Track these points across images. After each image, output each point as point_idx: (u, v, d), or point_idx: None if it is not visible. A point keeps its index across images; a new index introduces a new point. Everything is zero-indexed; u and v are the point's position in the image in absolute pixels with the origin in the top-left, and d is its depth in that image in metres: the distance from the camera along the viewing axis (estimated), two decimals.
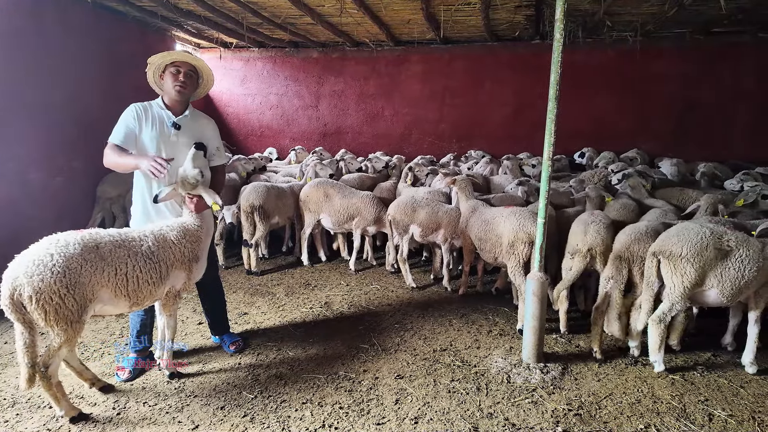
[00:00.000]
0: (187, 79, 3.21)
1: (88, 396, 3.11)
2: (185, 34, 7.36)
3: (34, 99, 4.95)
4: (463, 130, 8.18)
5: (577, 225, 3.84)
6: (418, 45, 7.80)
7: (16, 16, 4.71)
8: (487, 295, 4.89)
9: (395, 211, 5.02)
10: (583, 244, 3.67)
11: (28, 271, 2.50)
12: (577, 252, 3.70)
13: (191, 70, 3.25)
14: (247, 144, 8.62)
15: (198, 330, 4.08)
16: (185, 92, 3.23)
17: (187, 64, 3.22)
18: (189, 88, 3.25)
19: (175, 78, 3.19)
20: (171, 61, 3.20)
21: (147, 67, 3.23)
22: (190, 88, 3.27)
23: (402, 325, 4.16)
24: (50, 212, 5.18)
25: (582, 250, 3.66)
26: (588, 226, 3.73)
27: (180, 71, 3.19)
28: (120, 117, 3.17)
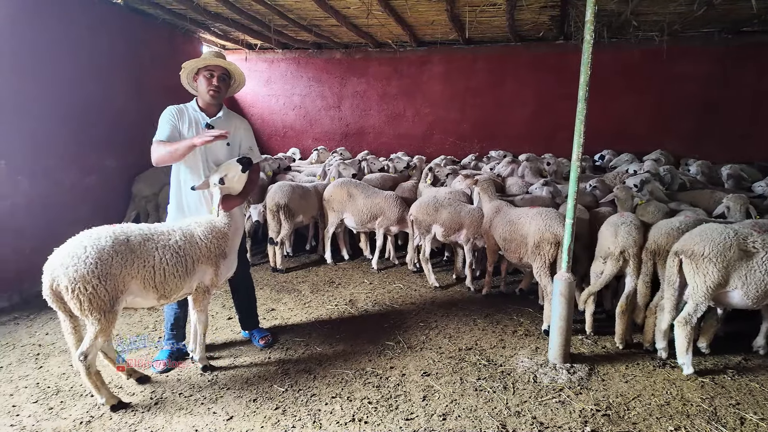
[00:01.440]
0: (221, 83, 3.31)
1: (126, 386, 3.23)
2: (212, 35, 7.51)
3: (67, 99, 5.13)
4: (484, 131, 8.18)
5: (607, 227, 3.81)
6: (440, 45, 7.84)
7: (50, 20, 4.89)
8: (510, 296, 4.90)
9: (418, 211, 5.07)
10: (614, 247, 3.65)
11: (64, 262, 2.64)
12: (610, 255, 3.68)
13: (224, 74, 3.34)
14: (271, 144, 8.76)
15: (228, 325, 4.18)
16: (219, 95, 3.34)
17: (220, 68, 3.31)
18: (222, 91, 3.36)
19: (209, 82, 3.29)
20: (204, 65, 3.30)
21: (181, 70, 3.34)
22: (224, 91, 3.37)
23: (426, 324, 4.20)
24: (83, 209, 5.36)
25: (614, 252, 3.64)
26: (619, 228, 3.71)
27: (213, 75, 3.29)
28: (161, 118, 3.30)
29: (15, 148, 4.50)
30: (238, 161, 3.21)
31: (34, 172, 4.71)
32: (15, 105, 4.48)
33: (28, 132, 4.64)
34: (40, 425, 2.80)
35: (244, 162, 3.22)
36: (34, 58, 4.67)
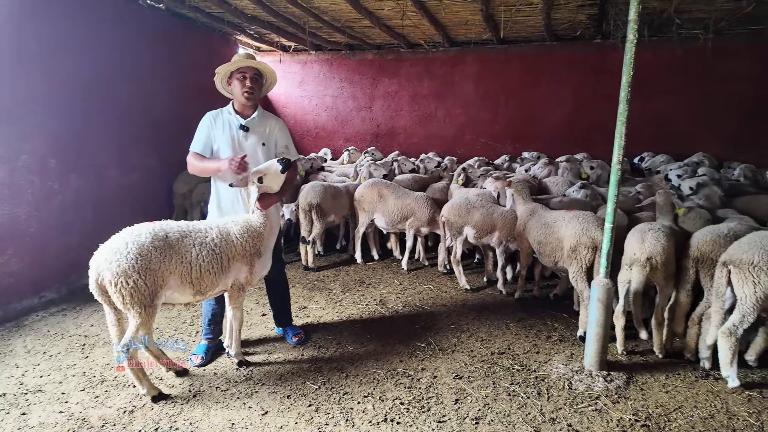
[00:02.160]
0: (254, 83, 3.38)
1: (166, 378, 3.34)
2: (248, 38, 7.69)
3: (113, 101, 5.35)
4: (517, 131, 8.07)
5: (634, 233, 3.65)
6: (473, 45, 7.77)
7: (99, 24, 5.12)
8: (544, 300, 4.82)
9: (449, 212, 5.04)
10: (641, 253, 3.48)
11: (108, 258, 2.77)
12: (635, 262, 3.53)
13: (256, 74, 3.40)
14: (303, 144, 8.89)
15: (262, 321, 4.27)
16: (253, 96, 3.41)
17: (252, 69, 3.37)
18: (256, 92, 3.43)
19: (242, 84, 3.37)
20: (236, 68, 3.38)
21: (215, 76, 3.44)
22: (258, 91, 3.44)
23: (458, 326, 4.18)
24: (126, 205, 5.58)
25: (640, 259, 3.48)
26: (646, 234, 3.55)
27: (246, 76, 3.36)
28: (198, 127, 3.42)
29: (65, 148, 4.72)
30: (278, 161, 3.26)
31: (82, 170, 4.93)
32: (65, 106, 4.70)
33: (77, 132, 4.86)
34: (86, 412, 2.93)
35: (284, 162, 3.25)
36: (82, 62, 4.89)
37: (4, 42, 4.09)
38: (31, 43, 4.31)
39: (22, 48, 4.24)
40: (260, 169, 3.24)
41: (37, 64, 4.37)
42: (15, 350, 3.66)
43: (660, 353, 3.63)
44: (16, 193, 4.23)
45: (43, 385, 3.20)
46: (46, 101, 4.48)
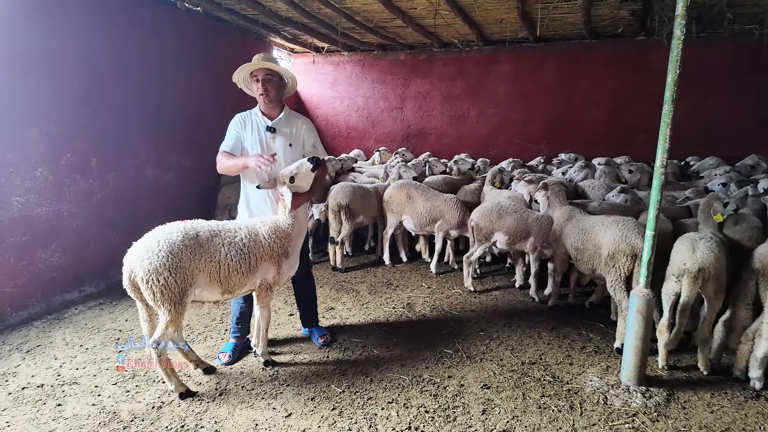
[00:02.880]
0: (267, 84, 3.37)
1: (194, 375, 3.39)
2: (282, 39, 7.77)
3: (152, 102, 5.51)
4: (553, 132, 7.82)
5: (683, 242, 3.39)
6: (508, 44, 7.58)
7: (140, 29, 5.28)
8: (579, 309, 4.62)
9: (479, 216, 4.90)
10: (692, 263, 3.22)
11: (140, 255, 2.82)
12: (685, 273, 3.26)
13: (268, 74, 3.38)
14: (334, 145, 8.92)
15: (289, 321, 4.28)
16: (270, 96, 3.40)
17: (263, 70, 3.36)
18: (273, 92, 3.40)
19: (257, 86, 3.40)
20: (249, 72, 3.39)
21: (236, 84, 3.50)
22: (274, 90, 3.41)
23: (487, 333, 4.05)
24: (161, 203, 5.74)
25: (691, 270, 3.22)
26: (697, 243, 3.29)
27: (258, 79, 3.37)
28: (228, 127, 3.47)
29: (105, 148, 4.89)
30: (308, 160, 3.26)
31: (121, 169, 5.10)
32: (105, 108, 4.87)
33: (117, 133, 5.03)
34: (117, 406, 3.00)
35: (314, 161, 3.26)
36: (123, 65, 5.06)
37: (49, 46, 4.27)
38: (73, 46, 4.48)
39: (64, 51, 4.42)
40: (291, 169, 3.24)
41: (79, 67, 4.55)
42: (55, 342, 3.81)
43: (705, 370, 3.40)
44: (59, 191, 4.41)
45: (78, 378, 3.31)
46: (87, 103, 4.65)
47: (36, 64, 4.14)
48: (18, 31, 4.00)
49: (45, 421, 2.84)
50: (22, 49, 4.02)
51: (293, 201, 3.25)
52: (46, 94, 4.24)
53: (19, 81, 4.01)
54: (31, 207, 4.17)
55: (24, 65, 4.04)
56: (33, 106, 4.14)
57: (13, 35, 3.96)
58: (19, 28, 4.00)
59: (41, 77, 4.19)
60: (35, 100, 4.16)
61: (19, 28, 4.00)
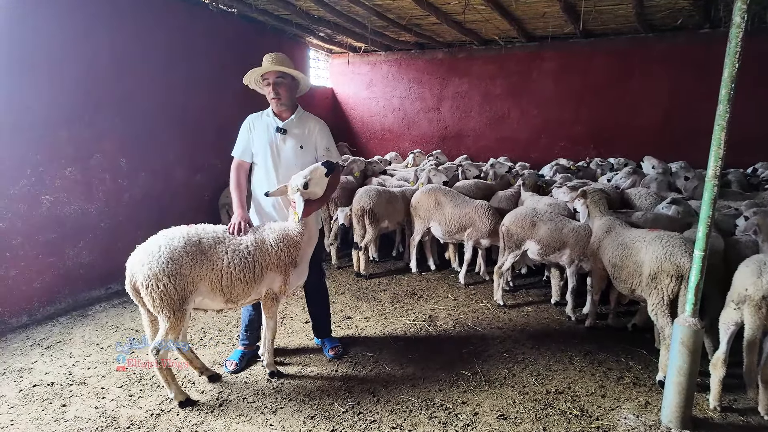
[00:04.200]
0: (278, 87, 3.22)
1: (198, 383, 3.31)
2: (318, 40, 7.71)
3: (183, 103, 5.58)
4: (602, 134, 7.24)
5: (748, 265, 2.90)
6: (552, 40, 7.10)
7: (170, 30, 5.35)
8: (620, 331, 4.16)
9: (511, 222, 4.54)
10: (755, 290, 2.75)
11: (141, 260, 2.76)
12: (747, 301, 2.80)
13: (279, 77, 3.24)
14: (369, 147, 8.77)
15: (304, 329, 4.14)
16: (281, 100, 3.26)
17: (272, 73, 3.21)
18: (284, 95, 3.26)
19: (267, 90, 3.27)
20: (260, 75, 3.26)
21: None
22: (286, 93, 3.26)
23: (511, 355, 3.71)
24: (190, 204, 5.80)
25: (754, 298, 2.76)
26: (765, 267, 2.82)
27: (269, 82, 3.23)
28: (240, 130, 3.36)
29: (135, 148, 4.98)
30: (323, 164, 3.10)
31: (150, 169, 5.18)
32: (135, 109, 4.96)
33: (147, 133, 5.12)
34: (118, 411, 2.96)
35: (328, 165, 3.10)
36: (153, 66, 5.14)
37: (80, 48, 4.37)
38: (104, 48, 4.58)
39: (95, 53, 4.51)
40: (304, 174, 3.08)
41: (109, 69, 4.64)
42: (73, 339, 3.88)
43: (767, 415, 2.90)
44: (88, 190, 4.52)
45: (87, 378, 3.32)
46: (118, 103, 4.75)
47: (66, 65, 4.25)
48: (49, 33, 4.11)
49: (47, 422, 2.84)
50: (54, 51, 4.14)
51: (305, 208, 3.09)
52: (76, 95, 4.35)
53: (50, 82, 4.13)
54: (61, 205, 4.28)
55: (54, 67, 4.15)
56: (63, 107, 4.26)
57: (44, 38, 4.08)
58: (51, 30, 4.12)
59: (71, 79, 4.30)
60: (65, 101, 4.27)
61: (50, 30, 4.11)
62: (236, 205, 3.24)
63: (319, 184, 3.14)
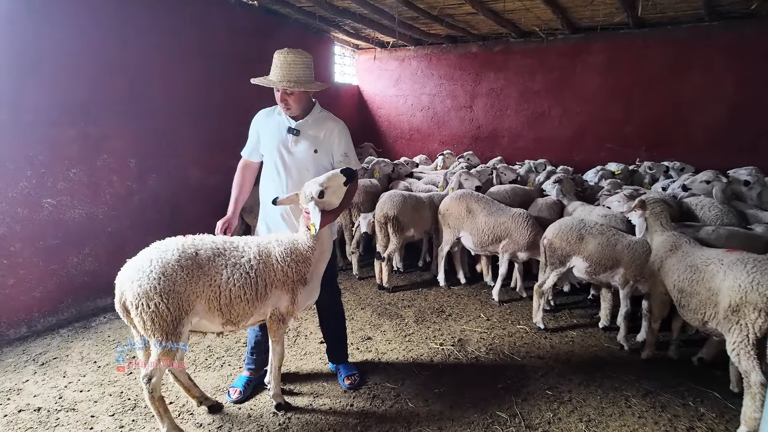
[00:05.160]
0: (288, 98, 2.81)
1: (197, 413, 2.94)
2: (343, 34, 7.31)
3: (200, 100, 5.26)
4: (655, 135, 6.53)
5: None
6: (601, 31, 6.43)
7: (185, 23, 5.03)
8: (685, 366, 3.54)
9: (555, 234, 3.99)
10: None
11: (131, 275, 2.41)
12: None
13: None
14: (396, 148, 8.31)
15: (318, 350, 3.73)
16: (291, 110, 2.87)
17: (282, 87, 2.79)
18: (295, 105, 2.84)
19: (277, 99, 2.87)
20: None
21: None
22: (297, 103, 2.84)
23: (556, 393, 3.17)
24: (206, 207, 5.46)
25: None
26: None
27: (278, 91, 2.82)
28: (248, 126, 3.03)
29: (146, 148, 4.69)
30: (341, 172, 2.70)
31: (162, 170, 4.89)
32: (148, 107, 4.67)
33: (160, 132, 4.83)
34: None
35: (348, 173, 2.71)
36: (167, 62, 4.84)
37: (86, 42, 4.10)
38: (113, 42, 4.30)
39: (104, 47, 4.24)
40: (320, 182, 2.66)
41: (119, 63, 4.36)
42: (71, 356, 3.59)
43: None
44: (94, 193, 4.25)
45: (78, 403, 3.01)
46: (128, 100, 4.47)
47: (73, 59, 3.97)
48: (56, 25, 3.85)
49: None
50: (58, 46, 3.87)
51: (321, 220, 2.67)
52: (82, 93, 4.07)
53: (55, 77, 3.86)
54: (64, 209, 4.02)
55: (59, 62, 3.88)
56: (68, 105, 3.99)
57: (48, 32, 3.81)
58: (57, 22, 3.85)
59: (78, 74, 4.03)
60: (71, 98, 4.00)
61: (57, 22, 3.85)
62: (231, 204, 3.04)
63: (337, 194, 2.74)
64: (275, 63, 2.81)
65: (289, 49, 2.81)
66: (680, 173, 5.75)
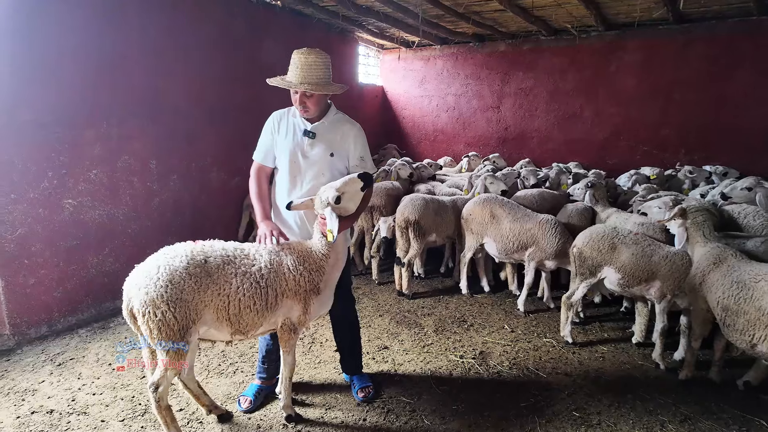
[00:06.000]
0: (306, 100, 2.70)
1: (206, 422, 2.86)
2: (367, 34, 7.20)
3: (221, 101, 5.25)
4: (696, 138, 6.14)
5: None
6: (638, 27, 6.09)
7: (207, 23, 5.01)
8: (728, 390, 3.24)
9: (585, 243, 3.74)
10: None
11: (138, 282, 2.35)
12: None
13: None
14: (420, 149, 8.14)
15: (333, 359, 3.60)
16: (309, 112, 2.76)
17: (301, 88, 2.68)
18: (313, 107, 2.74)
19: (294, 101, 2.75)
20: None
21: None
22: (315, 106, 2.74)
23: (584, 415, 2.95)
24: (228, 209, 5.48)
25: None
26: None
27: (297, 92, 2.70)
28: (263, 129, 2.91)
29: (167, 149, 4.69)
30: (359, 177, 2.60)
31: (183, 171, 4.88)
32: (168, 108, 4.67)
33: (181, 133, 4.83)
34: None
35: (366, 178, 2.61)
36: (189, 63, 4.83)
37: (107, 42, 4.11)
38: (134, 42, 4.30)
39: (125, 48, 4.25)
40: (336, 186, 2.55)
41: (140, 65, 4.36)
42: (87, 357, 3.59)
43: None
44: (114, 194, 4.26)
45: (90, 406, 2.99)
46: (149, 102, 4.47)
47: (92, 61, 3.98)
48: (76, 27, 3.86)
49: None
50: (78, 46, 3.88)
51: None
52: (103, 94, 4.08)
53: (75, 78, 3.88)
54: (84, 210, 4.04)
55: (79, 63, 3.90)
56: (89, 107, 4.00)
57: (69, 34, 3.83)
58: (77, 24, 3.87)
59: (98, 75, 4.04)
60: (91, 100, 4.01)
61: (76, 24, 3.87)
62: (260, 217, 2.77)
63: (353, 199, 2.63)
64: (294, 63, 2.70)
65: (308, 49, 2.71)
66: (722, 178, 5.39)
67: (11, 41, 3.48)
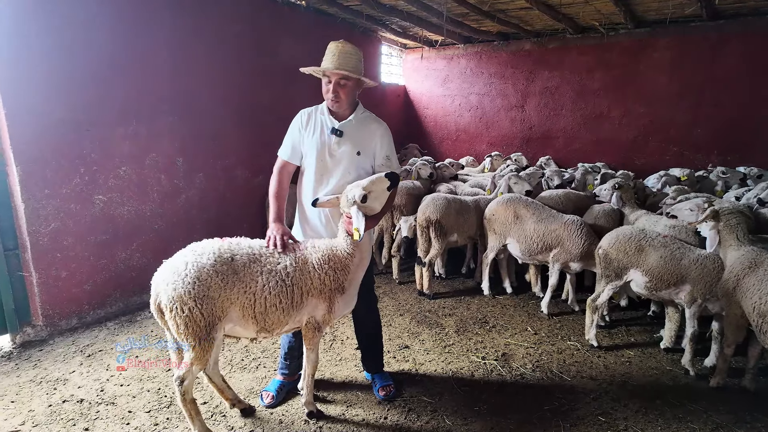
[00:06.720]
0: (340, 90, 2.71)
1: (229, 416, 2.91)
2: (391, 33, 7.19)
3: (246, 101, 5.32)
4: (730, 139, 5.94)
5: None
6: (669, 24, 5.92)
7: (233, 24, 5.08)
8: (763, 398, 3.13)
9: (611, 244, 3.66)
10: None
11: (166, 278, 2.39)
12: None
13: (343, 78, 2.72)
14: (442, 149, 8.09)
15: (354, 357, 3.61)
16: (340, 103, 2.76)
17: (337, 74, 2.69)
18: (345, 98, 2.75)
19: (326, 89, 2.76)
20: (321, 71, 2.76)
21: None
22: (347, 97, 2.75)
23: (610, 420, 2.88)
24: (251, 207, 5.55)
25: None
26: None
27: (330, 81, 2.71)
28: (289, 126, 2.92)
29: (193, 147, 4.78)
30: (386, 176, 2.60)
31: (209, 169, 4.97)
32: (196, 107, 4.76)
33: (207, 132, 4.91)
34: None
35: (392, 178, 2.61)
36: (214, 62, 4.91)
37: (137, 43, 4.21)
38: (162, 43, 4.40)
39: (153, 48, 4.34)
40: (363, 185, 2.56)
41: (168, 64, 4.46)
42: (115, 348, 3.67)
43: None
44: (142, 191, 4.36)
45: (118, 397, 3.06)
46: (176, 101, 4.56)
47: (123, 61, 4.09)
48: (107, 32, 3.97)
49: None
50: (109, 46, 3.99)
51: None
52: (132, 93, 4.19)
53: (104, 79, 3.99)
54: (114, 206, 4.14)
55: (110, 63, 4.00)
56: (119, 105, 4.11)
57: (101, 37, 3.93)
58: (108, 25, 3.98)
59: (127, 75, 4.14)
60: (121, 99, 4.12)
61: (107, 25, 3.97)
62: (272, 217, 2.79)
63: (379, 199, 2.64)
64: (330, 51, 2.72)
65: (344, 40, 2.75)
66: (757, 181, 5.19)
67: (47, 42, 3.60)
